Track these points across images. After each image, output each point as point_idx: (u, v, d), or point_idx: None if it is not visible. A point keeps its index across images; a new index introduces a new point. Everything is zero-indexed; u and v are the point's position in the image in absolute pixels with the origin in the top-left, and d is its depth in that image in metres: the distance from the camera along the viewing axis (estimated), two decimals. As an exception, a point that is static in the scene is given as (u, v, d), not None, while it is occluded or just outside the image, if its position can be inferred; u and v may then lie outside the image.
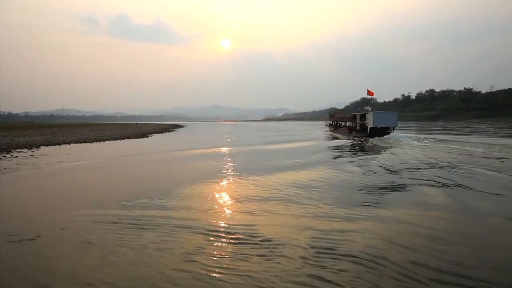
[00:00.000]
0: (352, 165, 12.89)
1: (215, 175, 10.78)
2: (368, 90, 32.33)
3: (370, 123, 27.57)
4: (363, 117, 30.50)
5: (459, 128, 45.07)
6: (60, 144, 23.52)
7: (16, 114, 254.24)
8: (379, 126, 26.78)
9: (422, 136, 26.94)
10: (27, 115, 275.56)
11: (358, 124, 31.33)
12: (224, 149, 20.56)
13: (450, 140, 22.35)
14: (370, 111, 29.05)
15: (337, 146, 21.70)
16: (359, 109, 38.33)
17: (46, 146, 22.21)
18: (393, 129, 27.30)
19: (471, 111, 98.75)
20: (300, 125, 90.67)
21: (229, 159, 15.31)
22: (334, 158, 15.45)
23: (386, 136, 26.02)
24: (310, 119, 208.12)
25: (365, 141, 24.77)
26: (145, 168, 13.20)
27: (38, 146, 21.59)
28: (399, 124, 30.02)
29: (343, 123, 38.68)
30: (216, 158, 15.58)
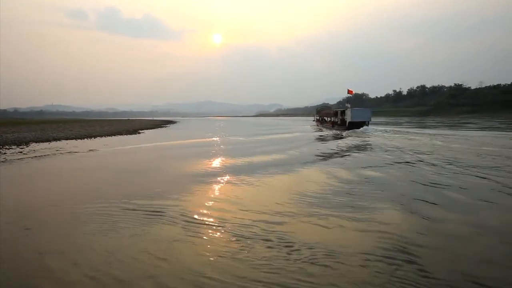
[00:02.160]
0: (309, 148, 17.74)
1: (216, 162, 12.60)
2: (348, 90, 36.32)
3: (348, 118, 31.67)
4: (343, 113, 34.37)
5: (462, 124, 42.15)
6: (50, 141, 23.09)
7: (5, 110, 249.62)
8: (356, 120, 30.98)
9: (389, 128, 31.89)
10: (16, 111, 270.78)
11: (339, 119, 35.23)
12: (223, 142, 20.66)
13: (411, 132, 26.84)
14: (349, 107, 32.80)
15: (317, 136, 26.45)
16: (340, 106, 41.21)
17: (36, 142, 21.81)
18: (368, 123, 31.34)
19: (461, 107, 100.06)
20: (292, 121, 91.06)
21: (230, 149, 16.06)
22: (306, 144, 19.82)
23: (361, 129, 29.94)
24: (303, 114, 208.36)
25: (342, 132, 29.01)
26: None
27: (27, 143, 21.18)
28: (396, 120, 32.57)
29: (328, 118, 42.88)
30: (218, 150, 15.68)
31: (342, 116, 34.51)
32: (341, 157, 13.51)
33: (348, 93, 36.64)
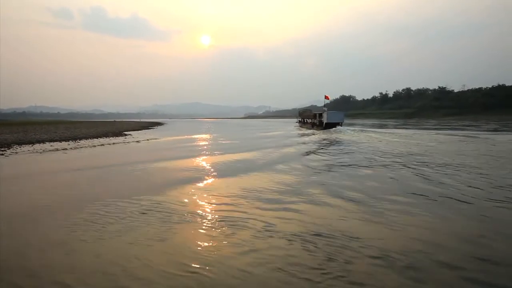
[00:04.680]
0: (285, 140, 24.84)
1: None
2: (325, 96, 42.23)
3: (325, 119, 36.92)
4: (320, 115, 39.39)
5: (465, 126, 42.61)
6: (33, 143, 22.57)
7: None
8: (331, 121, 36.36)
9: (357, 128, 36.94)
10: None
11: (317, 121, 40.06)
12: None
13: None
14: (325, 110, 38.36)
15: (296, 134, 32.76)
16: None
17: (18, 144, 21.29)
18: (341, 124, 36.98)
19: (445, 109, 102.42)
20: (279, 122, 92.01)
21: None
22: (287, 137, 27.99)
23: (334, 128, 34.88)
24: (291, 116, 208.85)
25: (318, 131, 34.57)
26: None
27: (9, 145, 20.67)
28: (381, 122, 36.67)
29: (308, 120, 47.77)
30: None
31: (319, 118, 39.56)
32: (296, 145, 20.67)
33: (325, 98, 42.36)
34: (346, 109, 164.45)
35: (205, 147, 20.99)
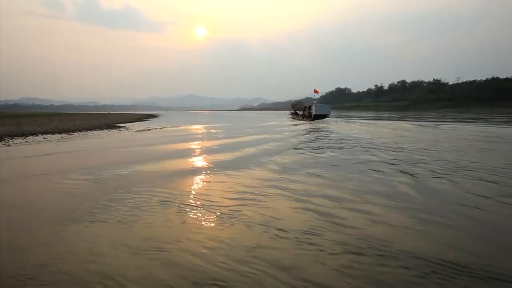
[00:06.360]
0: (278, 129, 27.81)
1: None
2: (314, 90, 45.25)
3: (314, 111, 40.47)
4: (310, 108, 42.96)
5: (471, 120, 40.22)
6: (26, 135, 22.21)
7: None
8: (319, 113, 39.91)
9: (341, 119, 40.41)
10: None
11: (307, 113, 43.89)
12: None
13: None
14: (314, 103, 42.28)
15: (287, 124, 35.96)
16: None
17: (10, 137, 20.94)
18: (329, 115, 40.70)
19: (439, 101, 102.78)
20: (274, 114, 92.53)
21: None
22: (277, 127, 31.10)
23: (322, 119, 37.91)
24: (286, 108, 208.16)
25: (307, 122, 38.20)
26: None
27: (0, 137, 20.33)
28: (377, 114, 38.57)
29: (300, 112, 51.28)
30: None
31: (309, 110, 42.97)
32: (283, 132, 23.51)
33: (314, 92, 45.26)
34: (342, 101, 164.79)
35: (200, 135, 23.77)
